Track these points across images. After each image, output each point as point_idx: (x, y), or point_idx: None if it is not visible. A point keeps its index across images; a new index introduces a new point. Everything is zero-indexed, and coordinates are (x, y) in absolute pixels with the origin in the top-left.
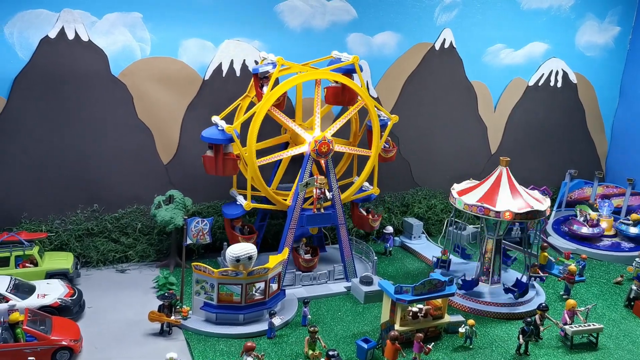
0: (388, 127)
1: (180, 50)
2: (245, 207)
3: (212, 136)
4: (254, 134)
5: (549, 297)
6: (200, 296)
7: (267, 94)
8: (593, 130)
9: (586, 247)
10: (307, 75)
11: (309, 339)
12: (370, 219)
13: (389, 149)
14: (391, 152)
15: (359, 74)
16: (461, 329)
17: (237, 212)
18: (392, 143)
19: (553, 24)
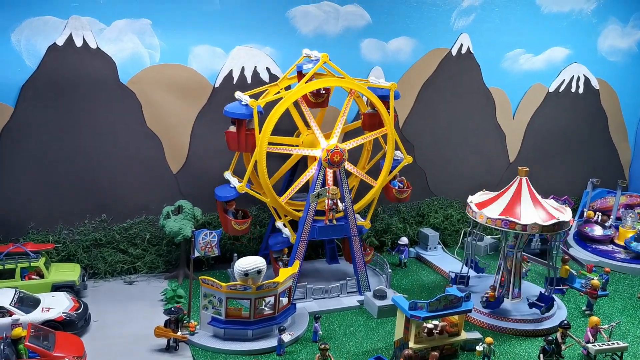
0: (399, 166)
1: (190, 57)
2: (239, 189)
3: (235, 110)
4: (274, 118)
5: (571, 313)
6: (208, 311)
7: (301, 83)
8: (616, 138)
9: (609, 259)
10: (345, 81)
11: (320, 357)
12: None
13: (404, 189)
14: (405, 193)
15: (392, 103)
16: (479, 347)
17: (230, 194)
18: (407, 183)
19: (574, 28)
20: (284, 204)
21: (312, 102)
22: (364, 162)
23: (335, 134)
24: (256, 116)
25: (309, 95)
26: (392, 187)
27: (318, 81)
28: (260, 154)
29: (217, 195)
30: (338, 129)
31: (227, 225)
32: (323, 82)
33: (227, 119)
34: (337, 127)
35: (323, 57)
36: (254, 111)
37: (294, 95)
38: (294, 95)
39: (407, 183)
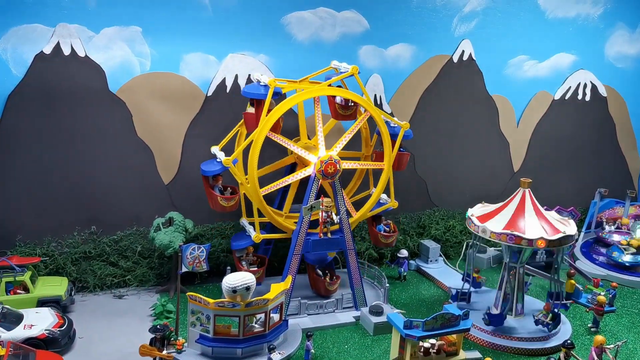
0: (400, 135)
1: (181, 65)
2: (224, 163)
3: (253, 91)
4: (254, 163)
5: (576, 330)
6: (196, 328)
7: (263, 119)
8: (625, 146)
9: (618, 273)
10: (302, 95)
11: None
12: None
13: (390, 233)
14: (391, 238)
15: (360, 84)
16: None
17: (215, 168)
18: (394, 226)
19: (581, 33)
20: (260, 193)
21: (340, 113)
22: (366, 141)
23: (337, 148)
24: (270, 96)
25: (337, 107)
26: (378, 232)
27: (342, 90)
28: (260, 135)
29: (202, 170)
30: (321, 139)
31: (214, 202)
32: (346, 92)
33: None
34: (318, 136)
35: (353, 69)
36: (230, 167)
37: (261, 132)
38: (261, 132)
39: (393, 227)
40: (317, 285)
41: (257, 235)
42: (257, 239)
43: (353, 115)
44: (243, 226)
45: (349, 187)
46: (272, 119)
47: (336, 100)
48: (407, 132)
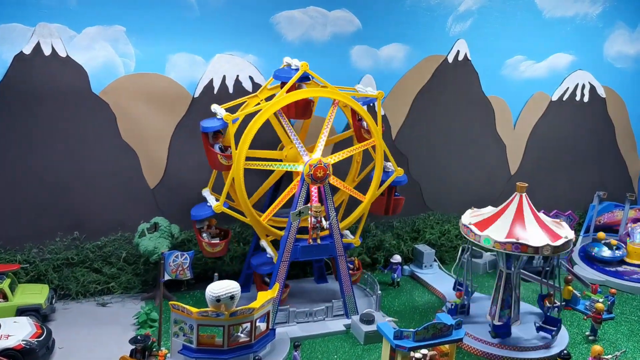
0: (390, 179)
1: (167, 66)
2: (215, 209)
3: (210, 125)
4: (252, 130)
5: (574, 338)
6: (179, 338)
7: (281, 94)
8: (624, 149)
9: (616, 278)
10: (328, 91)
11: None
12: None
13: (353, 270)
14: (354, 275)
15: (379, 111)
16: None
17: (204, 213)
18: (358, 263)
19: (579, 33)
20: (265, 224)
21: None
22: (353, 174)
23: (319, 148)
24: (232, 131)
25: (294, 107)
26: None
27: (298, 92)
28: (237, 170)
29: (192, 215)
30: (322, 142)
31: (213, 159)
32: (304, 92)
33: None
34: (321, 140)
35: (302, 66)
36: (229, 125)
37: (272, 107)
38: (272, 107)
39: (358, 263)
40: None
41: (218, 205)
42: (217, 208)
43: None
44: (204, 196)
45: (352, 173)
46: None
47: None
48: (401, 178)
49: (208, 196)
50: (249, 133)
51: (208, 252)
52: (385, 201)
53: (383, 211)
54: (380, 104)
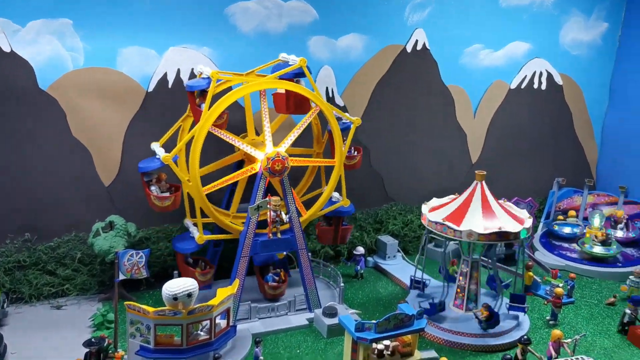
0: (351, 131)
1: (118, 60)
2: (163, 159)
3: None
4: (195, 160)
5: (535, 323)
6: (136, 339)
7: (205, 113)
8: (582, 135)
9: (577, 263)
10: (250, 87)
11: None
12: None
13: (353, 155)
14: (355, 159)
15: (309, 76)
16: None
17: (153, 164)
18: (358, 148)
19: (535, 21)
20: (202, 192)
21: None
22: (317, 137)
23: (267, 140)
24: (178, 168)
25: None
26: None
27: (220, 101)
28: (201, 130)
29: (140, 167)
30: (267, 135)
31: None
32: (227, 99)
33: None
34: (265, 132)
35: (301, 61)
36: (170, 164)
37: (201, 130)
38: (201, 130)
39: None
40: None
41: (200, 236)
42: (200, 240)
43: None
44: (187, 227)
45: (300, 186)
46: (216, 112)
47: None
48: (349, 208)
49: (157, 149)
50: (194, 161)
51: (157, 207)
52: (333, 231)
53: (332, 241)
54: (307, 70)
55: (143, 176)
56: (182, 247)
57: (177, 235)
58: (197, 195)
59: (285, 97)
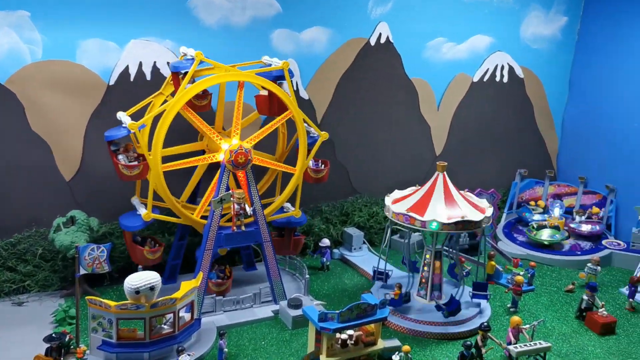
0: (316, 145)
1: (78, 53)
2: (144, 218)
3: (115, 134)
4: (161, 133)
5: (496, 311)
6: (98, 333)
7: (182, 90)
8: (543, 127)
9: (537, 252)
10: (230, 75)
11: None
12: None
13: (320, 168)
14: (322, 172)
15: (289, 81)
16: (395, 357)
17: (137, 223)
18: (325, 161)
19: (496, 15)
20: (201, 221)
21: (196, 105)
22: (281, 147)
23: (235, 133)
24: (143, 138)
25: (192, 100)
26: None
27: (199, 83)
28: (156, 176)
29: (106, 136)
30: (237, 127)
31: (138, 256)
32: (205, 82)
33: None
34: (235, 125)
35: (197, 55)
36: (136, 133)
37: (175, 105)
38: (175, 105)
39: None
40: (135, 254)
41: (147, 213)
42: (147, 217)
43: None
44: (134, 205)
45: (280, 146)
46: (157, 154)
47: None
48: (301, 219)
49: (137, 205)
50: (158, 136)
51: (126, 176)
52: (284, 242)
53: (283, 251)
54: (288, 74)
55: (109, 145)
56: (127, 225)
57: (123, 214)
58: (154, 171)
59: (269, 99)
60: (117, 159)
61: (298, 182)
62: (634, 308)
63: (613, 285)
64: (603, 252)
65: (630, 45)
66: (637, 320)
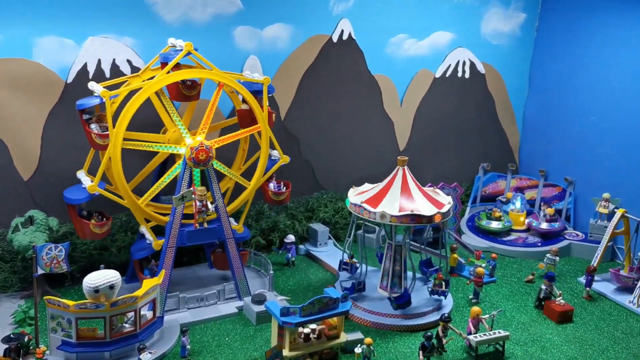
0: (275, 166)
1: (34, 50)
2: (89, 190)
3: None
4: (130, 110)
5: (458, 303)
6: (57, 333)
7: (162, 73)
8: (504, 122)
9: (499, 244)
10: (212, 73)
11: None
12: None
13: (281, 191)
14: (283, 195)
15: (265, 97)
16: (357, 349)
17: (81, 196)
18: (287, 182)
19: (457, 12)
20: (144, 207)
21: (185, 94)
22: (239, 162)
23: (202, 131)
24: (110, 108)
25: (182, 88)
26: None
27: (181, 72)
28: (115, 150)
29: (66, 198)
30: (205, 126)
31: (85, 230)
32: (187, 73)
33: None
34: (204, 123)
35: (187, 46)
36: (106, 102)
37: (153, 85)
38: (153, 85)
39: (286, 182)
40: (82, 230)
41: (92, 185)
42: (91, 189)
43: (196, 96)
44: (79, 178)
45: (238, 161)
46: (121, 128)
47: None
48: (244, 234)
49: (83, 178)
50: (128, 111)
51: (98, 145)
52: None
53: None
54: (266, 90)
55: (82, 114)
56: (70, 198)
57: (67, 188)
58: (113, 145)
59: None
60: (90, 128)
61: (249, 197)
62: (590, 296)
63: (572, 275)
64: (562, 243)
65: (586, 41)
66: (594, 309)
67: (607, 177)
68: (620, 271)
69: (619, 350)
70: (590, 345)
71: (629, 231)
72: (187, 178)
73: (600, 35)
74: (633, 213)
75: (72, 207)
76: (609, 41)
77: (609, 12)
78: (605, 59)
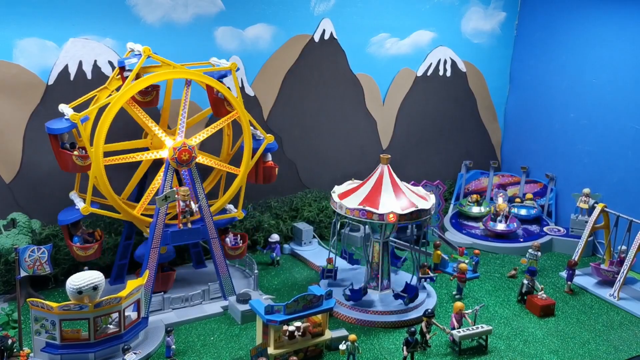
0: (261, 147)
1: (15, 52)
2: (82, 211)
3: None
4: (104, 127)
5: (442, 298)
6: (41, 336)
7: (127, 84)
8: (486, 120)
9: (481, 240)
10: (176, 72)
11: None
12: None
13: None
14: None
15: (236, 83)
16: (342, 346)
17: (71, 217)
18: (244, 235)
19: (437, 11)
20: (142, 217)
21: (141, 101)
22: (226, 149)
23: (180, 130)
24: (85, 130)
25: (137, 96)
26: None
27: (146, 78)
28: (98, 169)
29: (59, 220)
30: (182, 125)
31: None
32: (152, 78)
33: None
34: (180, 122)
35: (145, 50)
36: (78, 125)
37: (120, 99)
38: (120, 99)
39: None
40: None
41: (86, 207)
42: (85, 210)
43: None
44: (72, 199)
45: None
46: (99, 147)
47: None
48: (272, 145)
49: (75, 199)
50: (102, 128)
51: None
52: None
53: (254, 179)
54: (235, 75)
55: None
56: (62, 219)
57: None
58: (95, 163)
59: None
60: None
61: (242, 183)
62: (572, 290)
63: (553, 270)
64: (544, 239)
65: (565, 39)
66: (575, 302)
67: (587, 173)
68: (601, 265)
69: (600, 343)
70: (571, 338)
71: (609, 225)
72: (170, 179)
73: (578, 32)
74: (613, 208)
75: (65, 226)
76: (588, 39)
77: (587, 10)
78: (583, 56)
